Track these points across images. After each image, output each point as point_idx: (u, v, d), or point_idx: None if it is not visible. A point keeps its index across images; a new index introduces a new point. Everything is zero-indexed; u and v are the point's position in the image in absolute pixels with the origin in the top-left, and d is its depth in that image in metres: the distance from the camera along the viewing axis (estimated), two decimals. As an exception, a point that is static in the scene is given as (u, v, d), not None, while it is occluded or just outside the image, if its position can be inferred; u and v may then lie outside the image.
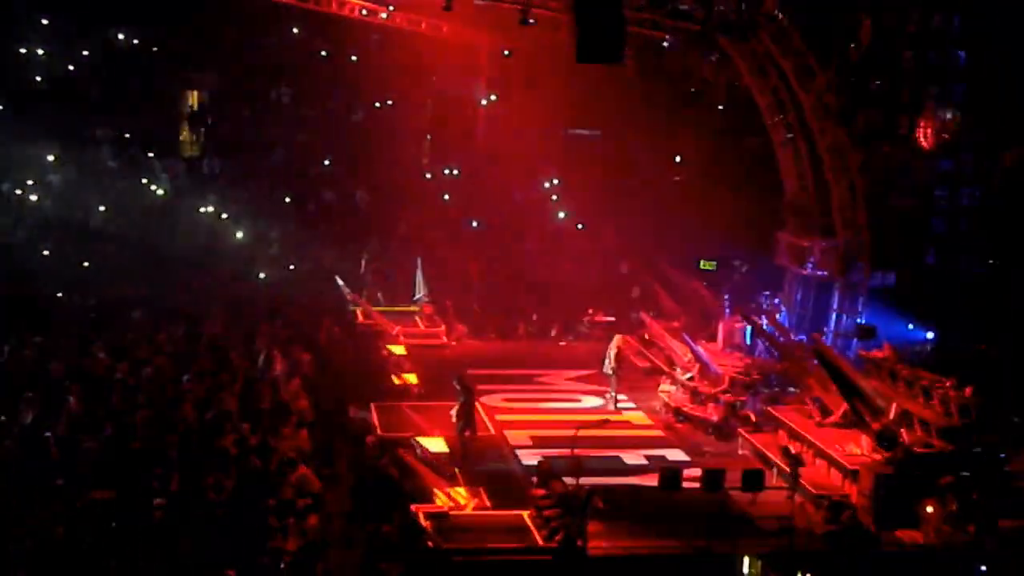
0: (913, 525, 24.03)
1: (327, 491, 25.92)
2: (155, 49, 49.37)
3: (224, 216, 44.59)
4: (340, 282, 39.55)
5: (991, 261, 39.74)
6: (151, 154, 47.27)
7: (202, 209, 45.13)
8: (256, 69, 50.45)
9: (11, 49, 47.46)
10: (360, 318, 39.05)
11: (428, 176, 49.10)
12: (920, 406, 26.61)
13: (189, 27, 48.29)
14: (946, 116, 39.04)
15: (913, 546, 23.70)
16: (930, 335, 37.02)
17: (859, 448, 25.99)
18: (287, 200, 46.77)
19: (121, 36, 48.73)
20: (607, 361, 33.61)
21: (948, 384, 26.86)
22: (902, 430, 25.25)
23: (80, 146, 46.69)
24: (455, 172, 49.23)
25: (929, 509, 23.69)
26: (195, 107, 49.93)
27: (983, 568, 22.44)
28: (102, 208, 43.40)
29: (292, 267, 42.33)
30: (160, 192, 45.65)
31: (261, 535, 20.74)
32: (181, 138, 49.11)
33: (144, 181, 45.77)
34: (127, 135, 47.78)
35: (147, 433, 25.46)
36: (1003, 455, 25.47)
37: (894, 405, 26.36)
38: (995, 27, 38.93)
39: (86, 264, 39.55)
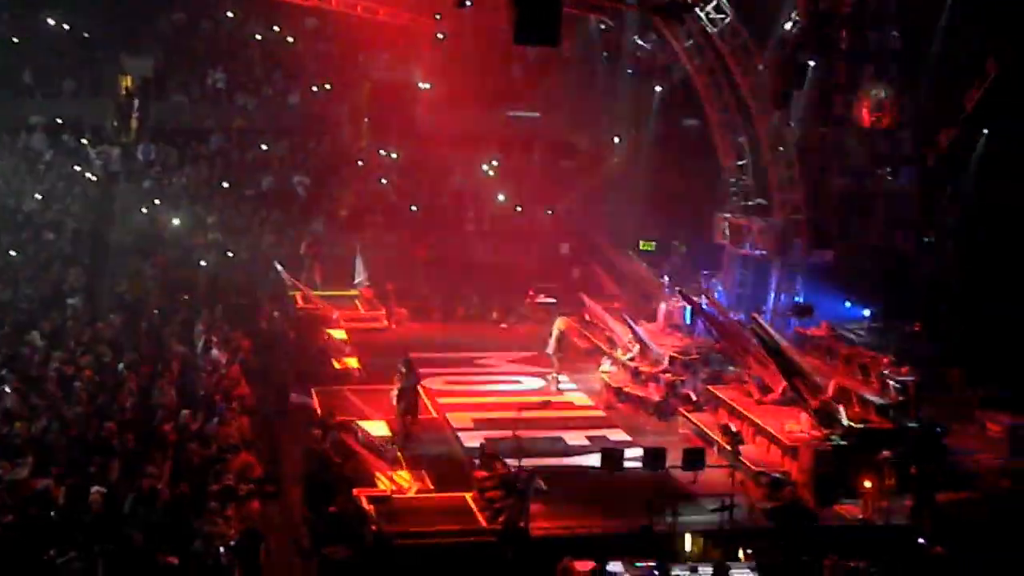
0: (852, 499, 24.35)
1: (269, 478, 25.85)
2: (86, 35, 48.73)
3: (161, 202, 44.13)
4: (279, 267, 39.37)
5: (927, 239, 40.20)
6: (85, 140, 46.68)
7: (138, 196, 44.65)
8: (191, 53, 49.99)
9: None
10: (300, 303, 38.91)
11: (361, 164, 48.73)
12: (858, 383, 26.96)
13: (122, 11, 47.76)
14: (881, 96, 39.48)
15: (852, 520, 24.02)
16: (867, 312, 37.43)
17: (798, 425, 26.25)
18: (224, 185, 46.38)
19: (52, 21, 48.01)
20: (550, 343, 33.72)
21: (885, 361, 27.23)
22: (840, 407, 25.54)
23: (11, 132, 46.09)
24: (394, 155, 49.08)
25: (867, 484, 23.99)
26: (129, 92, 49.32)
27: (921, 540, 22.73)
28: (37, 196, 42.84)
29: (231, 253, 42.02)
30: (95, 179, 45.10)
31: (202, 522, 20.63)
32: (115, 124, 48.48)
33: (78, 168, 45.19)
34: (60, 121, 47.12)
35: (86, 421, 25.25)
36: (939, 430, 25.92)
37: (832, 382, 26.67)
38: (930, 6, 39.37)
39: (18, 253, 39.00)
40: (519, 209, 47.26)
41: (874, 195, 41.74)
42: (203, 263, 40.59)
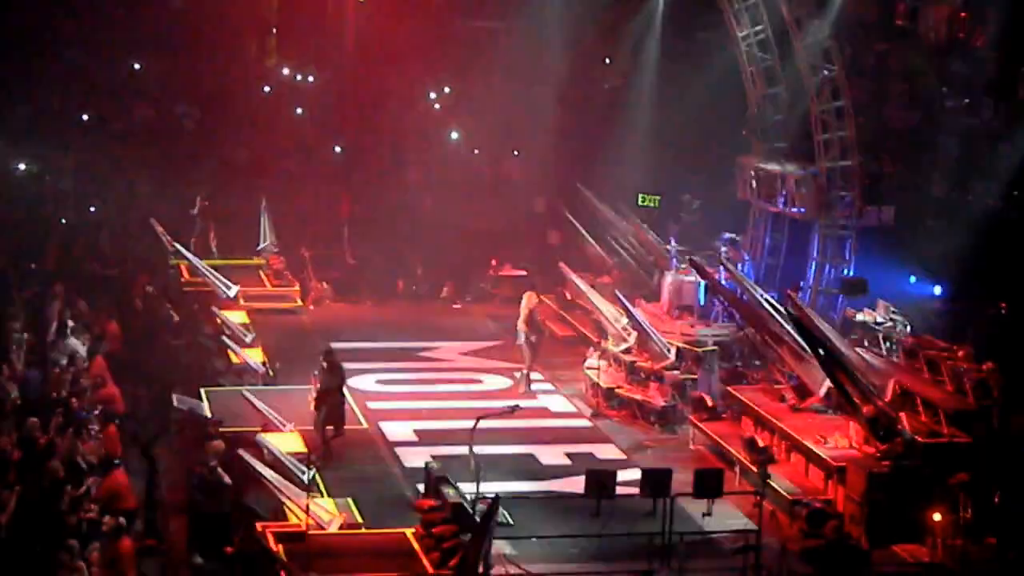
0: (916, 538, 24.49)
1: (143, 508, 25.80)
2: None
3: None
4: (158, 228, 39.23)
5: (1016, 193, 40.34)
6: None
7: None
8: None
9: None
10: (185, 275, 38.82)
11: (267, 90, 48.60)
12: (925, 384, 27.06)
13: None
14: (957, 2, 39.50)
15: (916, 565, 24.16)
16: (938, 290, 37.59)
17: (846, 439, 26.38)
18: (85, 118, 46.19)
19: None
20: (519, 328, 33.72)
21: (961, 354, 27.30)
22: (902, 415, 25.65)
23: None
24: (311, 79, 48.94)
25: (937, 517, 24.12)
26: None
27: (1006, 592, 22.97)
28: None
29: (93, 208, 41.92)
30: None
31: (56, 566, 20.61)
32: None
33: None
34: None
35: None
36: (1033, 446, 26.03)
37: (891, 382, 26.77)
38: None
39: None
40: (477, 152, 47.19)
41: (947, 134, 41.87)
42: (58, 221, 40.46)
